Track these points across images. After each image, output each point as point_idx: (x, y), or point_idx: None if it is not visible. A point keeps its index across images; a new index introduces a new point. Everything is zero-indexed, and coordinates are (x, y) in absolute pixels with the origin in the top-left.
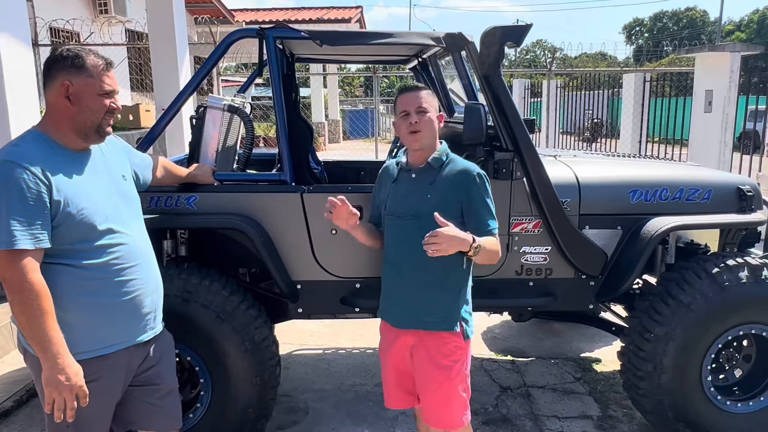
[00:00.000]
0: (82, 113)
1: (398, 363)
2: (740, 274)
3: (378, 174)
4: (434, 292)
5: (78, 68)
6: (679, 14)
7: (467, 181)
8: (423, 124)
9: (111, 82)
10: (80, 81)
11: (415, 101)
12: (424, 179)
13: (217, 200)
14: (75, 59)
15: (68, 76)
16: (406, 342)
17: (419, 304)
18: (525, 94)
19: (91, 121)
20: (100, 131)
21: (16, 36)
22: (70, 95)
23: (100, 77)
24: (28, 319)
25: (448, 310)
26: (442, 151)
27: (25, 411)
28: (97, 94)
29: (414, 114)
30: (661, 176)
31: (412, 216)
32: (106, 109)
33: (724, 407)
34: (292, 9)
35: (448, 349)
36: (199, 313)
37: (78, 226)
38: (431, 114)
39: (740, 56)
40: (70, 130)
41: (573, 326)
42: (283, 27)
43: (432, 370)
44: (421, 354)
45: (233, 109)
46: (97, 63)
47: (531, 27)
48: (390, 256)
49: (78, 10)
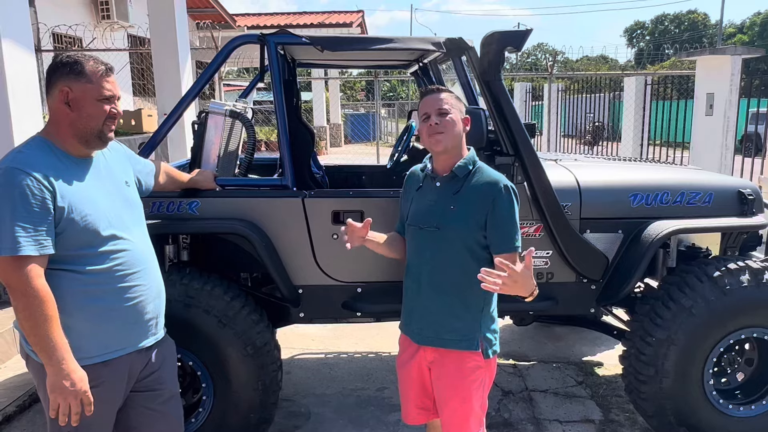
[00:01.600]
0: (81, 119)
1: (417, 378)
2: (742, 277)
3: (404, 180)
4: (454, 309)
5: (77, 74)
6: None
7: (493, 192)
8: (444, 125)
9: (111, 87)
10: (79, 87)
11: (436, 103)
12: (448, 189)
13: (218, 205)
14: (74, 65)
15: (67, 83)
16: (425, 357)
17: (438, 320)
18: (526, 98)
19: (91, 127)
20: (102, 137)
21: (19, 42)
22: (70, 101)
23: (99, 83)
24: (32, 325)
25: (469, 329)
26: (468, 159)
27: (28, 416)
28: (97, 100)
29: (435, 116)
30: (662, 180)
31: (435, 227)
32: (107, 115)
33: (727, 411)
34: (293, 14)
35: (469, 368)
36: (201, 318)
37: (82, 232)
38: (453, 115)
39: (741, 59)
40: (71, 137)
41: (574, 330)
42: (285, 33)
43: (451, 390)
44: (439, 372)
45: (235, 114)
46: (97, 68)
47: (531, 32)
48: (411, 269)
49: (80, 16)
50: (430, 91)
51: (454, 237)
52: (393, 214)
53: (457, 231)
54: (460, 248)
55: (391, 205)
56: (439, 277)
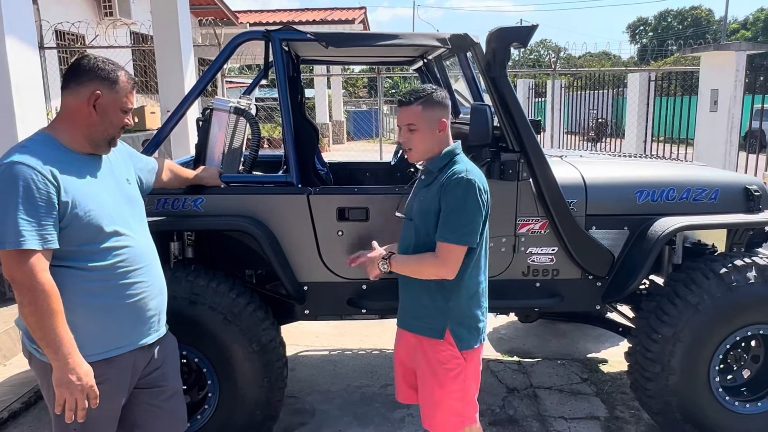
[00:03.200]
0: (103, 124)
1: (403, 359)
2: (748, 274)
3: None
4: (420, 298)
5: (112, 82)
6: (684, 13)
7: (446, 183)
8: (411, 142)
9: (133, 101)
10: (110, 94)
11: (406, 117)
12: (424, 182)
13: (223, 202)
14: (111, 73)
15: (101, 86)
16: (409, 341)
17: (410, 306)
18: (529, 94)
19: (108, 133)
20: (112, 143)
21: (23, 39)
22: (97, 105)
23: (127, 95)
24: (38, 320)
25: (433, 317)
26: (445, 154)
27: (33, 413)
28: (121, 110)
29: (404, 131)
30: (667, 176)
31: (409, 218)
32: (123, 125)
33: (733, 408)
34: (295, 10)
35: (444, 357)
36: (207, 315)
37: (85, 227)
38: (421, 132)
39: (746, 55)
40: (83, 137)
41: (579, 327)
42: (289, 29)
43: (428, 375)
44: (419, 357)
45: (239, 111)
46: (129, 81)
47: (537, 28)
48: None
49: (83, 13)
50: (401, 102)
51: (419, 227)
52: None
53: (420, 221)
54: (424, 238)
55: (395, 202)
56: None
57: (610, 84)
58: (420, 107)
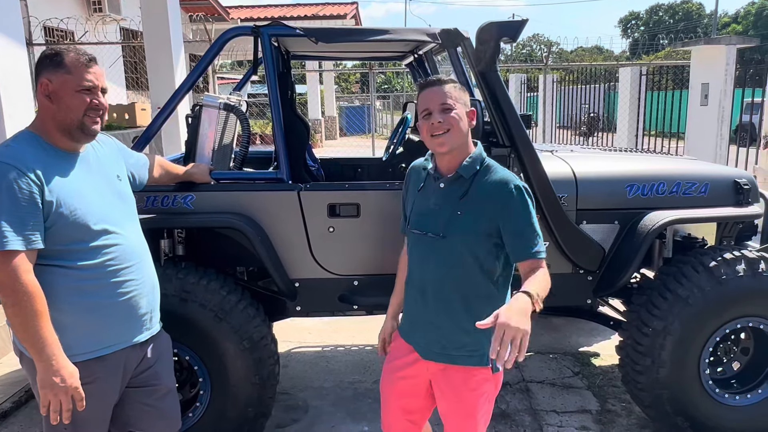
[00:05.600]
0: (61, 111)
1: (412, 387)
2: (737, 267)
3: (405, 176)
4: (463, 324)
5: (56, 66)
6: (675, 7)
7: (504, 196)
8: (449, 123)
9: (93, 78)
10: (58, 78)
11: (438, 97)
12: (453, 192)
13: (214, 199)
14: (54, 57)
15: (48, 75)
16: (428, 368)
17: (446, 334)
18: (521, 89)
19: (71, 119)
20: (84, 129)
21: (10, 35)
22: (50, 93)
23: (79, 73)
24: (21, 321)
25: (478, 343)
26: (475, 156)
27: (24, 412)
28: (75, 91)
29: (437, 113)
30: (657, 170)
31: (440, 235)
32: (87, 106)
33: (723, 400)
34: (287, 6)
35: (475, 382)
36: (197, 312)
37: (71, 226)
38: (458, 110)
39: (736, 49)
40: (55, 130)
41: (571, 321)
42: (279, 24)
43: (455, 403)
44: (445, 385)
45: (229, 107)
46: (77, 59)
47: (527, 22)
48: (414, 279)
49: (72, 9)
50: (431, 83)
51: (461, 246)
52: (389, 207)
53: (464, 240)
54: (468, 258)
55: (387, 198)
56: (446, 289)
57: (602, 78)
58: (451, 87)
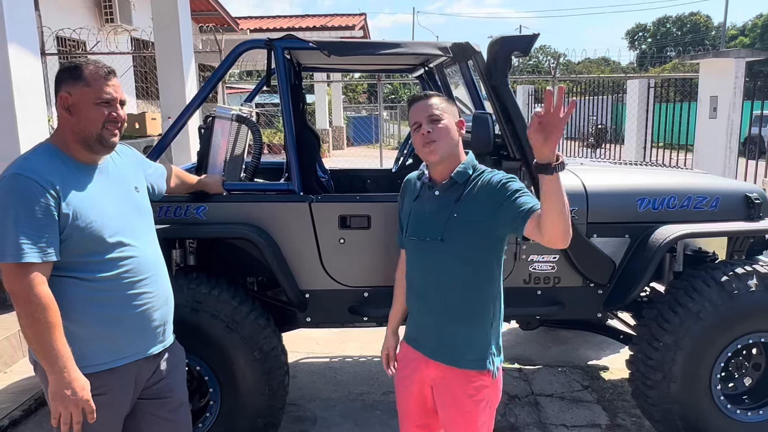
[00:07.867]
0: (80, 123)
1: (418, 394)
2: (749, 282)
3: (400, 188)
4: (464, 326)
5: (76, 79)
6: (683, 19)
7: (495, 184)
8: (437, 133)
9: (111, 90)
10: (77, 91)
11: (426, 110)
12: (449, 197)
13: (225, 210)
14: (73, 70)
15: (67, 88)
16: (428, 374)
17: (448, 338)
18: (529, 101)
19: (90, 131)
20: (103, 141)
21: (25, 46)
22: (69, 106)
23: (98, 86)
24: (35, 333)
25: (481, 347)
26: (467, 163)
27: (34, 420)
28: (94, 104)
29: (426, 124)
30: (668, 184)
31: (439, 239)
32: (105, 119)
33: (734, 416)
34: (295, 16)
35: (474, 388)
36: (209, 322)
37: (87, 239)
38: (446, 120)
39: (745, 62)
40: (74, 142)
41: (580, 334)
42: (292, 38)
43: (455, 409)
44: (444, 391)
45: (241, 118)
46: (96, 72)
47: (538, 36)
48: (414, 284)
49: (84, 20)
50: (418, 97)
51: (459, 248)
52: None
53: (463, 241)
54: (466, 261)
55: (396, 210)
56: (447, 295)
57: (610, 90)
58: (438, 99)
